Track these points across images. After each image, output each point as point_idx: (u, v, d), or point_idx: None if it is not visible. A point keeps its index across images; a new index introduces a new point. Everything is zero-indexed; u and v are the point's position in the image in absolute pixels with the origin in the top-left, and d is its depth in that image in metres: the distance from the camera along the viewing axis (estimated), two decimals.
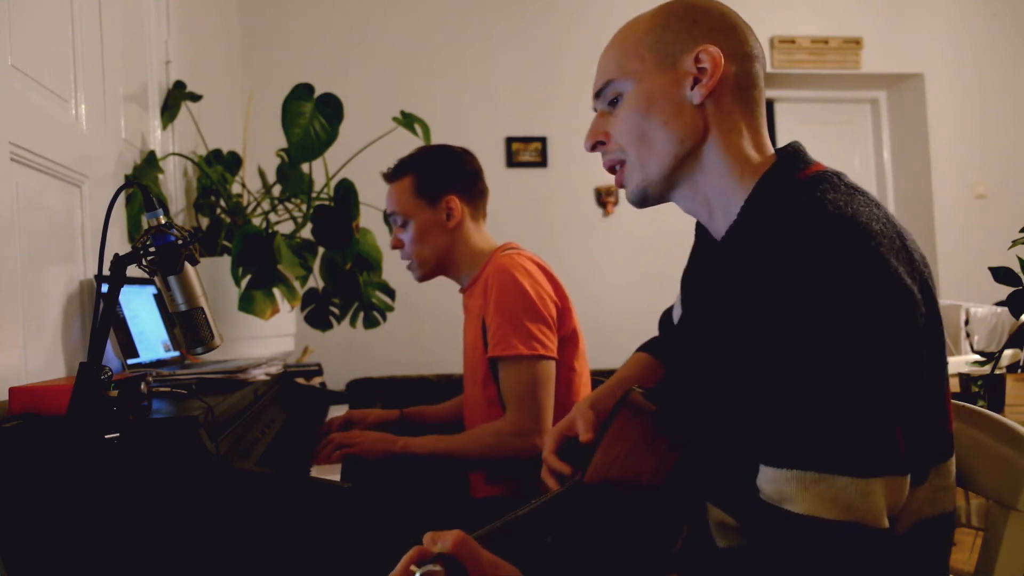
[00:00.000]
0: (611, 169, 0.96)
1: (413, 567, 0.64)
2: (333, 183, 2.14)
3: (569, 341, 1.62)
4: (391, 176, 1.72)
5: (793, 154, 0.89)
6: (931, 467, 0.80)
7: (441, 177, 1.68)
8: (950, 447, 0.84)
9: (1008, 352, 1.94)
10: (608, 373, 1.76)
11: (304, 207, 2.25)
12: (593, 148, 0.96)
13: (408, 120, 2.32)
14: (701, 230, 1.01)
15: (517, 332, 1.52)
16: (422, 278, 1.74)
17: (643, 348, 1.24)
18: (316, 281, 2.34)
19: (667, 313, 1.22)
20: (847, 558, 0.70)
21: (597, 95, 0.95)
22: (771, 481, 0.73)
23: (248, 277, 1.87)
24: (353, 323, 2.38)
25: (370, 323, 2.39)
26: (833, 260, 0.72)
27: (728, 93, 0.89)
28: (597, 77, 0.95)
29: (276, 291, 1.93)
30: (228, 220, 2.23)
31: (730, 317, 0.82)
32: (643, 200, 0.94)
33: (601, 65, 0.95)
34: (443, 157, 1.72)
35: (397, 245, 1.73)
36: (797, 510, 0.71)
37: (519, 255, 1.64)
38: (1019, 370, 2.03)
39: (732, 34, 0.90)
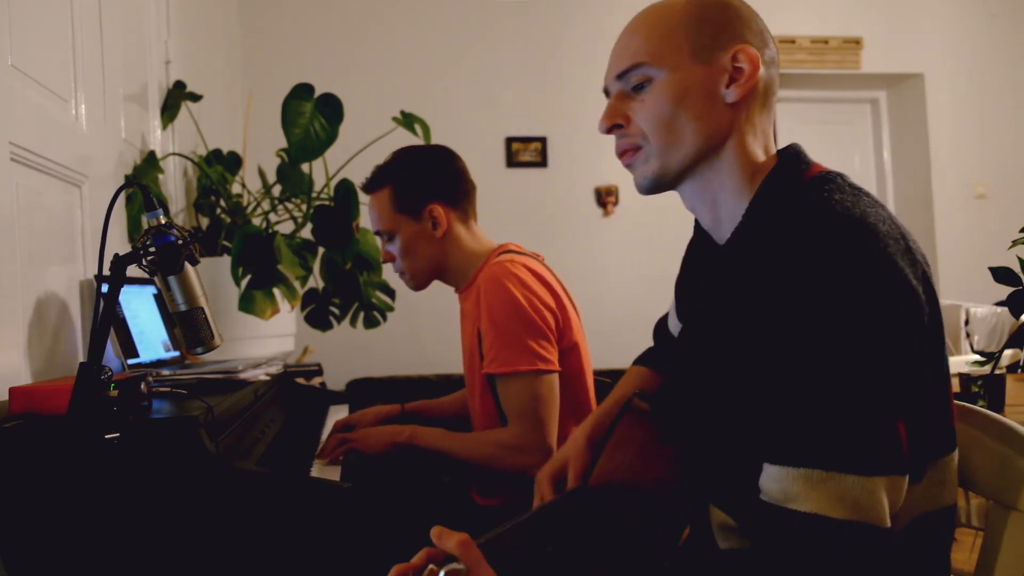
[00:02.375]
0: (623, 152, 0.93)
1: (433, 566, 0.64)
2: (333, 183, 2.14)
3: (570, 353, 1.55)
4: (368, 187, 1.65)
5: (794, 155, 0.90)
6: (929, 464, 0.80)
7: (419, 186, 1.59)
8: (952, 442, 0.84)
9: (1008, 352, 1.94)
10: (608, 373, 1.76)
11: (304, 207, 2.25)
12: (609, 130, 0.94)
13: (408, 120, 2.32)
14: (698, 235, 1.00)
15: (513, 348, 1.45)
16: (417, 288, 1.67)
17: (639, 361, 1.22)
18: (316, 281, 2.34)
19: (662, 322, 1.20)
20: (853, 557, 0.70)
21: (619, 76, 0.91)
22: (776, 480, 0.73)
23: (248, 277, 1.87)
24: (353, 323, 2.38)
25: (370, 323, 2.39)
26: (842, 260, 0.73)
27: (756, 96, 0.89)
28: (620, 58, 0.91)
29: (276, 291, 1.93)
30: (228, 220, 2.23)
31: (736, 316, 0.82)
32: (653, 188, 0.92)
33: (628, 46, 0.91)
34: (419, 163, 1.62)
35: (388, 259, 1.67)
36: (803, 509, 0.71)
37: (512, 262, 1.54)
38: (1019, 370, 2.03)
39: (762, 37, 0.90)
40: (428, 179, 1.60)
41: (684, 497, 0.84)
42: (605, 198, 4.33)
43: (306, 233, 2.19)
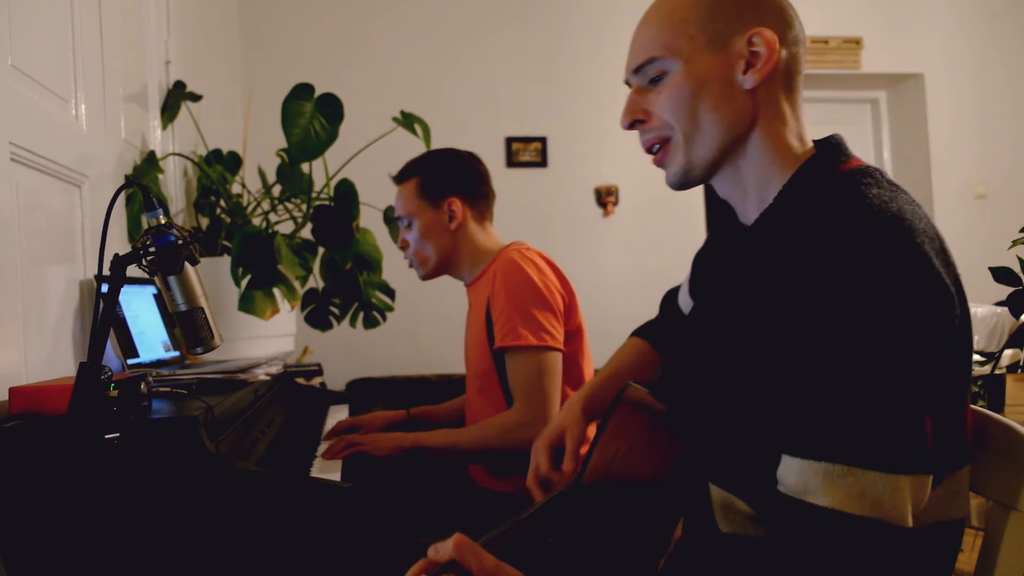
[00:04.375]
0: (650, 149, 0.92)
1: None
2: (333, 183, 2.14)
3: (575, 336, 1.64)
4: (398, 178, 1.77)
5: (834, 146, 0.88)
6: (948, 472, 0.78)
7: (444, 179, 1.72)
8: (967, 455, 0.82)
9: (1008, 352, 1.94)
10: None
11: (304, 207, 2.25)
12: (631, 126, 0.92)
13: (408, 120, 2.32)
14: (726, 217, 0.98)
15: (525, 322, 1.54)
16: (424, 277, 1.78)
17: (638, 332, 1.21)
18: (316, 281, 2.34)
19: (671, 293, 1.19)
20: (870, 556, 0.68)
21: (636, 71, 0.90)
22: (795, 472, 0.71)
23: (248, 277, 1.87)
24: (353, 323, 2.38)
25: (370, 323, 2.39)
26: (876, 254, 0.71)
27: (778, 80, 0.87)
28: (635, 52, 0.90)
29: (276, 291, 1.93)
30: (228, 220, 2.23)
31: (757, 304, 0.80)
32: (684, 184, 0.91)
33: (641, 40, 0.90)
34: (448, 160, 1.76)
35: (404, 245, 1.77)
36: (821, 503, 0.69)
37: (528, 250, 1.67)
38: (1019, 370, 2.03)
39: (782, 16, 0.87)
40: (453, 174, 1.74)
41: (683, 491, 0.83)
42: (605, 198, 4.33)
43: (306, 233, 2.19)
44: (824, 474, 0.69)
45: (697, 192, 4.24)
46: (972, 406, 0.95)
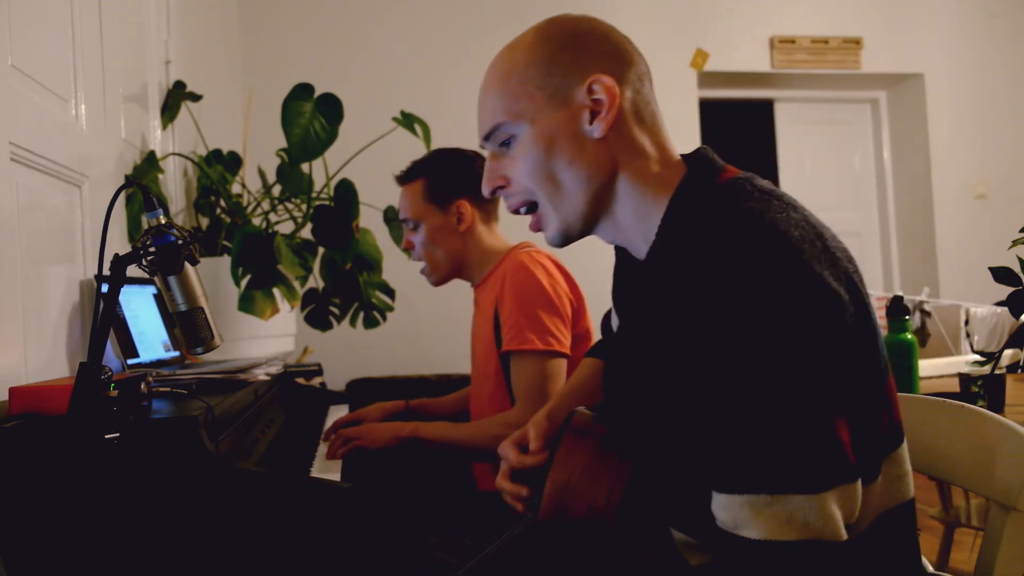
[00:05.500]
0: (517, 211, 0.91)
1: None
2: (333, 183, 2.14)
3: (582, 340, 1.63)
4: (403, 179, 1.74)
5: (702, 161, 0.86)
6: (882, 460, 0.78)
7: (451, 181, 1.69)
8: (900, 435, 0.82)
9: (1008, 352, 1.94)
10: None
11: (304, 207, 2.25)
12: (493, 193, 0.91)
13: (408, 120, 2.32)
14: (621, 252, 0.98)
15: (532, 326, 1.53)
16: (437, 282, 1.74)
17: (592, 353, 1.22)
18: (316, 281, 2.34)
19: (607, 317, 1.19)
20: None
21: (486, 137, 0.90)
22: (724, 508, 0.71)
23: (248, 277, 1.87)
24: (353, 323, 2.38)
25: (370, 323, 2.39)
26: (755, 271, 0.70)
27: (627, 120, 0.85)
28: (481, 119, 0.90)
29: (276, 291, 1.93)
30: (228, 220, 2.23)
31: (662, 339, 0.80)
32: (565, 242, 0.90)
33: (484, 106, 0.89)
34: (454, 161, 1.72)
35: (409, 247, 1.75)
36: (754, 536, 0.68)
37: (538, 252, 1.66)
38: (1019, 370, 2.03)
39: (618, 56, 0.86)
40: (460, 176, 1.69)
41: (638, 519, 0.82)
42: None
43: (306, 233, 2.19)
44: (750, 506, 0.69)
45: None
46: (972, 406, 0.95)
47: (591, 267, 2.02)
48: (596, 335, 1.68)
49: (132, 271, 1.00)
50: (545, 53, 0.85)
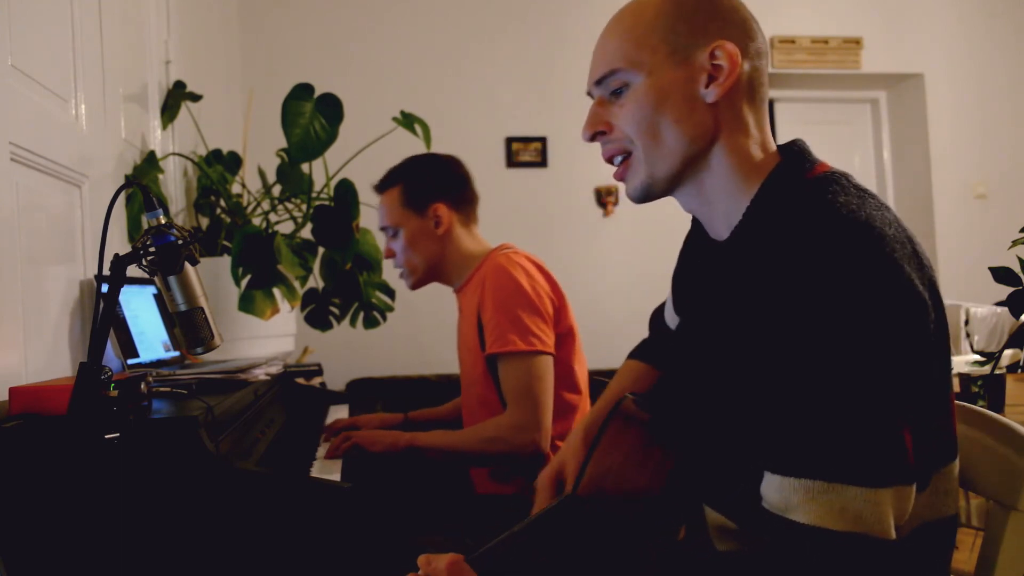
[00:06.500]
0: (611, 160, 0.92)
1: None
2: (333, 183, 2.14)
3: (566, 338, 1.63)
4: (380, 187, 1.76)
5: (798, 153, 0.87)
6: (934, 472, 0.78)
7: (427, 186, 1.70)
8: (955, 449, 0.82)
9: (1008, 352, 1.94)
10: (608, 373, 1.77)
11: (304, 207, 2.25)
12: (593, 138, 0.92)
13: (408, 120, 2.32)
14: (696, 229, 0.98)
15: (514, 327, 1.53)
16: (414, 286, 1.77)
17: (634, 355, 1.22)
18: (316, 281, 2.34)
19: (658, 311, 1.19)
20: (855, 570, 0.68)
21: (598, 83, 0.89)
22: (777, 489, 0.71)
23: (248, 277, 1.86)
24: (353, 323, 2.38)
25: (370, 323, 2.38)
26: (847, 266, 0.71)
27: (740, 92, 0.86)
28: (597, 64, 0.89)
29: (276, 291, 1.93)
30: (228, 220, 2.23)
31: (736, 321, 0.80)
32: (645, 197, 0.91)
33: (603, 51, 0.89)
34: (429, 166, 1.74)
35: (389, 255, 1.77)
36: (803, 520, 0.69)
37: (515, 254, 1.66)
38: (1019, 370, 2.03)
39: (745, 29, 0.86)
40: (436, 180, 1.71)
41: (673, 503, 0.83)
42: (605, 198, 4.33)
43: (306, 233, 2.19)
44: (805, 491, 0.69)
45: None
46: (971, 406, 0.95)
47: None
48: (580, 333, 1.69)
49: (132, 271, 1.00)
50: (675, 9, 0.86)
